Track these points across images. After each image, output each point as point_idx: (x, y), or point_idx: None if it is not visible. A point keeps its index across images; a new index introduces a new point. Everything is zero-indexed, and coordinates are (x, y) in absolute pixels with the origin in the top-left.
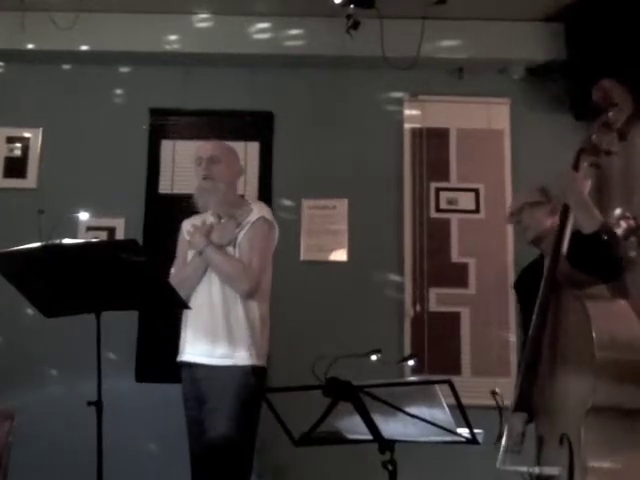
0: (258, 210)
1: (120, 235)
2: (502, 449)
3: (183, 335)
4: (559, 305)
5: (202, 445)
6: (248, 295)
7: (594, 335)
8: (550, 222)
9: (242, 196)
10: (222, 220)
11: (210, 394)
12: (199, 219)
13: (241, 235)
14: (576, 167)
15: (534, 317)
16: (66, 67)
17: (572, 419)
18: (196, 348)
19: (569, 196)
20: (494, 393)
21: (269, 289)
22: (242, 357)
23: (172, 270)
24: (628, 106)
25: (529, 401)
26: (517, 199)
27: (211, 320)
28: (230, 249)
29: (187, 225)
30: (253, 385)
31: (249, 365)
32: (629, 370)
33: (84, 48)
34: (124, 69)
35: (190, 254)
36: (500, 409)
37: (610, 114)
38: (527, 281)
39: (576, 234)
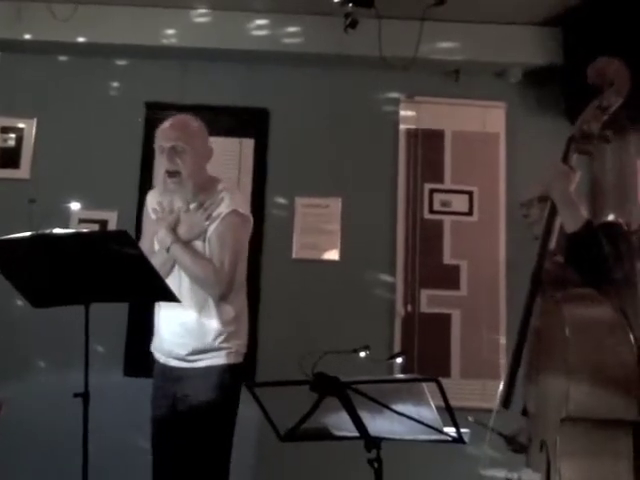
0: (230, 201)
1: (112, 228)
2: (484, 452)
3: (155, 333)
4: (542, 306)
5: (174, 447)
6: (220, 298)
7: (568, 341)
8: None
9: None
10: (191, 206)
11: (185, 396)
12: (166, 197)
13: (211, 229)
14: (565, 158)
15: (521, 316)
16: (62, 58)
17: (549, 426)
18: (167, 349)
19: (552, 192)
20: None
21: (244, 283)
22: (217, 357)
23: None
24: (625, 86)
25: (510, 401)
26: (529, 192)
27: (182, 320)
28: (199, 244)
29: (152, 201)
30: (229, 384)
31: (225, 364)
32: (603, 378)
33: (81, 40)
34: (121, 62)
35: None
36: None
37: (605, 95)
38: None
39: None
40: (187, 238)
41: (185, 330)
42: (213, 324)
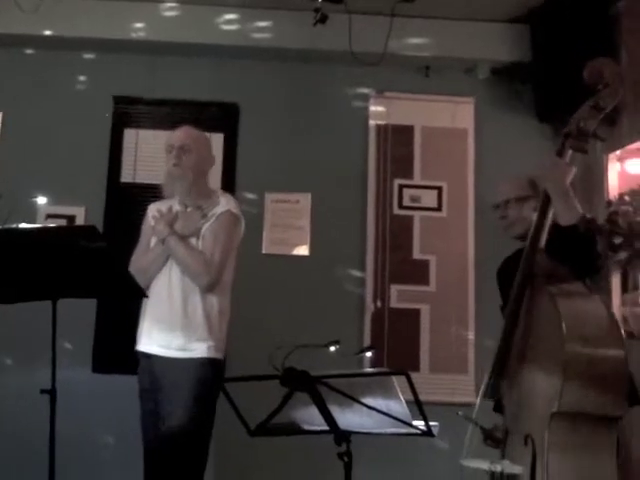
0: (225, 203)
1: (80, 223)
2: (466, 444)
3: (141, 324)
4: (532, 300)
5: (156, 438)
6: (207, 289)
7: (564, 335)
8: None
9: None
10: (188, 209)
11: (166, 386)
12: (165, 205)
13: (206, 227)
14: (560, 153)
15: (507, 309)
16: (29, 51)
17: (537, 420)
18: (153, 339)
19: (548, 184)
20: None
21: (230, 283)
22: (199, 349)
23: (133, 255)
24: (621, 88)
25: (496, 392)
26: (503, 191)
27: (169, 311)
28: (193, 240)
29: (153, 210)
30: (209, 378)
31: (206, 358)
32: (597, 373)
33: (48, 33)
34: (88, 55)
35: (154, 240)
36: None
37: (601, 95)
38: (509, 269)
39: (557, 224)
40: (182, 233)
41: (172, 319)
42: (198, 315)
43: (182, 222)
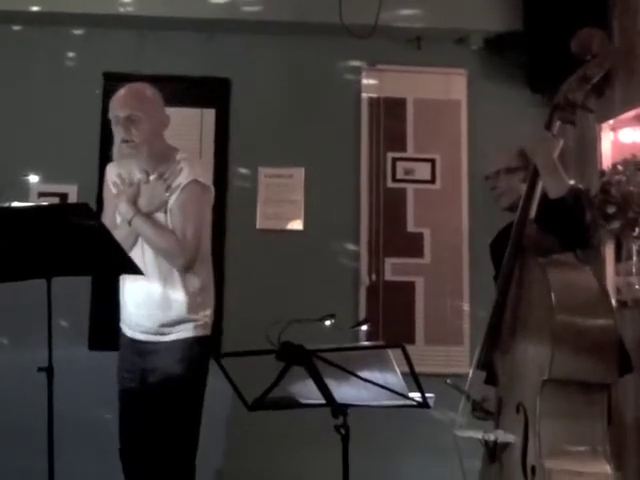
0: (189, 171)
1: (73, 201)
2: (460, 414)
3: (122, 303)
4: (523, 271)
5: (142, 420)
6: (185, 269)
7: (553, 305)
8: None
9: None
10: (151, 177)
11: (154, 370)
12: (124, 168)
13: (172, 200)
14: (549, 125)
15: (499, 280)
16: (16, 28)
17: (529, 388)
18: (134, 323)
19: (536, 157)
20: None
21: (209, 254)
22: (184, 330)
23: None
24: (608, 58)
25: (489, 363)
26: (495, 163)
27: (147, 293)
28: (161, 215)
29: (112, 174)
30: (197, 356)
31: (192, 337)
32: (586, 341)
33: (35, 9)
34: (77, 31)
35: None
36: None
37: (588, 66)
38: (502, 241)
39: (546, 197)
40: (148, 210)
41: (151, 303)
42: (179, 296)
43: (146, 198)
